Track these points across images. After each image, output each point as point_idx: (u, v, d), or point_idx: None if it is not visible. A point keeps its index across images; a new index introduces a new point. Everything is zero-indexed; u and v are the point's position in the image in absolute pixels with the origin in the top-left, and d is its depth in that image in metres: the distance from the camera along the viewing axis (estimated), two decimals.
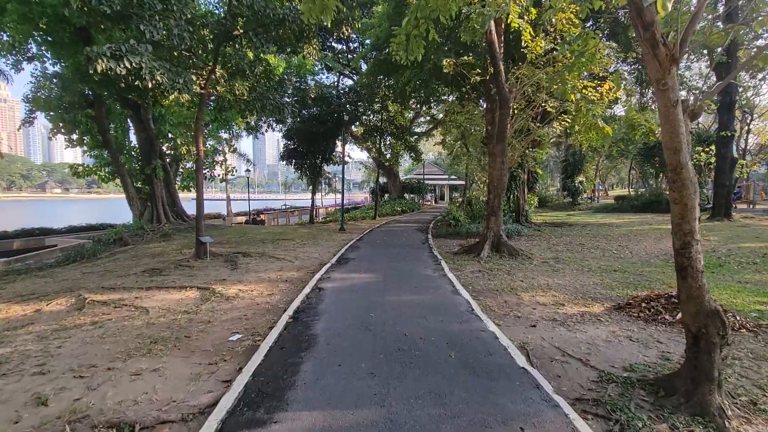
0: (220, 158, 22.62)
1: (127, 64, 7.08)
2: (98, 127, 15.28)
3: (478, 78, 9.03)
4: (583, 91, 7.94)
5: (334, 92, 22.61)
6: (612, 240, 13.59)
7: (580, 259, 9.97)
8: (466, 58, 8.87)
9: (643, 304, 5.64)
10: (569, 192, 33.52)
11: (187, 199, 19.07)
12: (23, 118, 16.86)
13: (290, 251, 11.56)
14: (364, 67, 23.78)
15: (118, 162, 15.93)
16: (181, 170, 19.04)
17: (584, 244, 12.76)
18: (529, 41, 8.69)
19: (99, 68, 6.76)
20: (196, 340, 4.66)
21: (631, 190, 42.58)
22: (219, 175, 21.90)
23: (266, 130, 23.02)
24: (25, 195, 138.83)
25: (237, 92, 10.84)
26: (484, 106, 12.01)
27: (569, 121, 9.18)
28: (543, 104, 9.31)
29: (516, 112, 9.54)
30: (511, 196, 19.58)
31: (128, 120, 17.04)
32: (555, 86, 8.57)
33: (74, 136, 14.85)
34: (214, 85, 10.48)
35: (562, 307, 5.92)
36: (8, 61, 13.84)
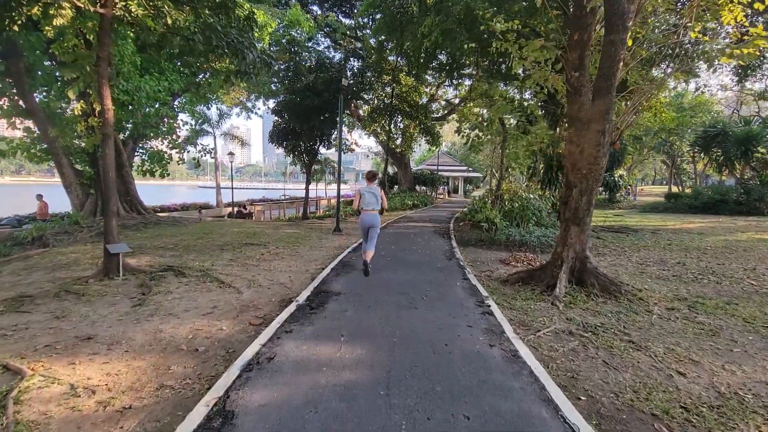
0: (197, 139, 18.75)
1: None
2: (16, 87, 11.53)
3: None
4: None
5: (335, 59, 18.53)
6: (717, 257, 9.45)
7: (720, 300, 5.93)
8: None
9: None
10: (608, 187, 29.11)
11: (146, 185, 15.34)
12: None
13: (250, 268, 7.70)
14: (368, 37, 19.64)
15: (47, 136, 12.20)
16: (141, 149, 15.27)
17: (685, 264, 8.67)
18: None
19: None
20: None
21: (677, 187, 38.03)
22: (195, 159, 18.06)
23: (251, 99, 19.06)
24: (33, 179, 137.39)
25: (169, 20, 6.88)
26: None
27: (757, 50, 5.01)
28: (684, 30, 5.18)
29: (630, 44, 5.39)
30: (555, 190, 15.59)
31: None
32: None
33: None
34: (126, 3, 6.53)
35: None
36: None
